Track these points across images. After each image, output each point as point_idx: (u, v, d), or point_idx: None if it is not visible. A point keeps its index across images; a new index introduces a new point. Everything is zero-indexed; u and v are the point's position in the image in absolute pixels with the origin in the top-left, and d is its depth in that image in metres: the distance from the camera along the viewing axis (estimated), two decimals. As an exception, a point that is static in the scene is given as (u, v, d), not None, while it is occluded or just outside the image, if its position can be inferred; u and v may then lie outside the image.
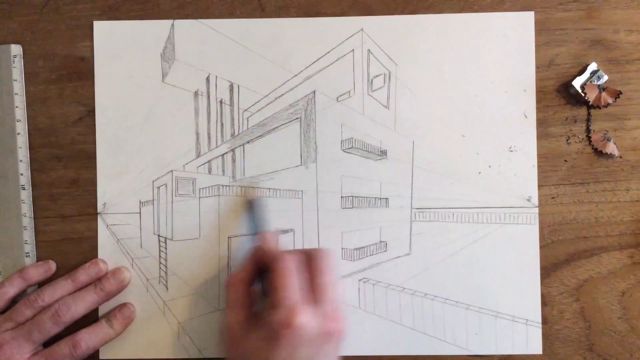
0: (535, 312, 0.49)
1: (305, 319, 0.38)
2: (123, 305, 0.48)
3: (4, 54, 0.49)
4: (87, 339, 0.46)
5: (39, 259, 0.49)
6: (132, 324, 0.49)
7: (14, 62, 0.49)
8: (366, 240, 0.50)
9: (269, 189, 0.50)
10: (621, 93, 0.48)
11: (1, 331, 0.45)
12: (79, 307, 0.46)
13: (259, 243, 0.45)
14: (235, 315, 0.41)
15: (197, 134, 0.50)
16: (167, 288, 0.49)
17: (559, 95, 0.49)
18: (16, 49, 0.49)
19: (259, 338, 0.39)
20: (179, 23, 0.50)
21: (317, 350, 0.39)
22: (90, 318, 0.47)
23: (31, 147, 0.50)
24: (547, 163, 0.49)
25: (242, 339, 0.40)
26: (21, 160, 0.49)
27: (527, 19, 0.49)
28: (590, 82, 0.48)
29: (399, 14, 0.49)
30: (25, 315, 0.46)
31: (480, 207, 0.49)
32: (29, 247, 0.49)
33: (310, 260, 0.42)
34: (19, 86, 0.49)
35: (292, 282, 0.40)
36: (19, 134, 0.49)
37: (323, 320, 0.39)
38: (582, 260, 0.49)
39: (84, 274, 0.48)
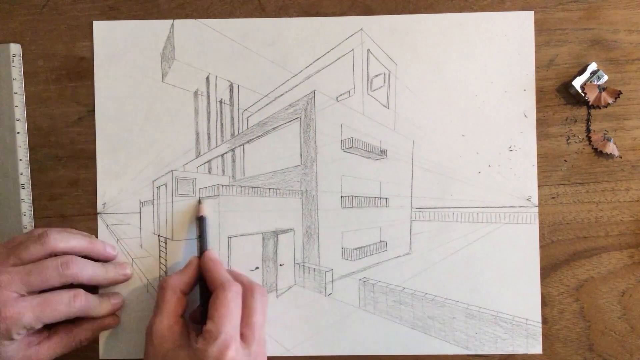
0: (535, 312, 0.49)
1: (236, 356, 0.39)
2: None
3: (3, 54, 0.49)
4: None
5: (39, 258, 0.49)
6: (132, 324, 0.49)
7: (13, 61, 0.49)
8: (366, 240, 0.50)
9: (269, 189, 0.50)
10: (621, 93, 0.48)
11: (2, 265, 0.42)
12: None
13: (207, 259, 0.45)
14: (168, 321, 0.42)
15: (197, 134, 0.50)
16: (167, 288, 0.49)
17: (558, 95, 0.49)
18: (15, 48, 0.49)
19: (187, 356, 0.40)
20: (179, 23, 0.50)
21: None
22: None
23: (31, 147, 0.49)
24: (547, 163, 0.49)
25: (170, 349, 0.41)
26: (21, 160, 0.49)
27: (527, 18, 0.49)
28: (590, 82, 0.48)
29: (399, 14, 0.49)
30: (30, 253, 0.43)
31: (480, 207, 0.49)
32: (29, 247, 0.49)
33: (247, 295, 0.43)
34: (18, 85, 0.49)
35: (231, 315, 0.41)
36: (18, 133, 0.49)
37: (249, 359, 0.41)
38: (582, 260, 0.49)
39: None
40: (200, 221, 0.48)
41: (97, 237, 0.49)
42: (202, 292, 0.46)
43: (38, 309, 0.41)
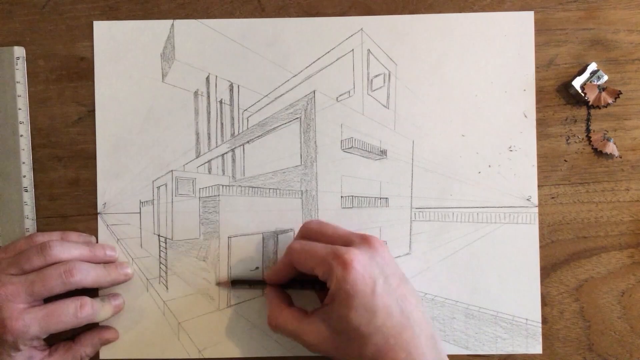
0: (535, 312, 0.49)
1: (354, 253, 0.38)
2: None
3: (7, 56, 0.49)
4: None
5: (40, 258, 0.49)
6: (132, 324, 0.49)
7: (16, 64, 0.49)
8: (366, 240, 0.50)
9: (269, 189, 0.50)
10: (621, 93, 0.48)
11: (2, 274, 0.42)
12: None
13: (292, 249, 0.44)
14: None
15: (197, 134, 0.50)
16: (167, 288, 0.49)
17: (558, 95, 0.49)
18: (19, 51, 0.49)
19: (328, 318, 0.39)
20: (179, 23, 0.50)
21: (382, 266, 0.39)
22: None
23: (31, 147, 0.50)
24: (547, 163, 0.49)
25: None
26: (24, 162, 0.49)
27: (526, 19, 0.49)
28: (590, 82, 0.48)
29: (399, 14, 0.49)
30: (32, 265, 0.43)
31: (480, 207, 0.49)
32: (30, 247, 0.49)
33: (309, 232, 0.43)
34: (21, 88, 0.49)
35: (317, 244, 0.41)
36: (21, 135, 0.49)
37: (363, 243, 0.40)
38: (582, 260, 0.49)
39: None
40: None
41: (97, 237, 0.49)
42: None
43: (44, 321, 0.42)
